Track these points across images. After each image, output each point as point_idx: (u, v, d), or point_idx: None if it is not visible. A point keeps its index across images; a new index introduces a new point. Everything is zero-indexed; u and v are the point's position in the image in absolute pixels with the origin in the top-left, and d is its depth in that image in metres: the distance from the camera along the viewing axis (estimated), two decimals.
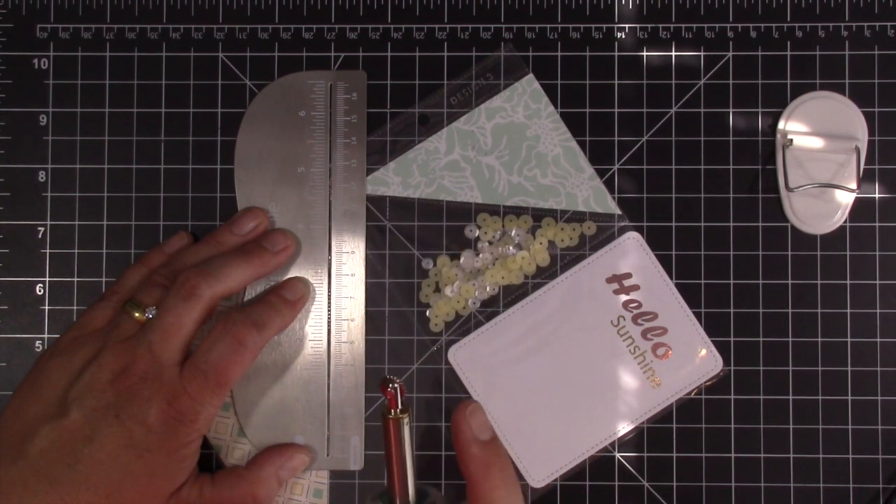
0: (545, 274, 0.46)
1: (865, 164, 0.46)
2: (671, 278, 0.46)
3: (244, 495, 0.41)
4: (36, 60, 0.47)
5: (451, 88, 0.46)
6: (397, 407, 0.35)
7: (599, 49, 0.46)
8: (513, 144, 0.46)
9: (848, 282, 0.46)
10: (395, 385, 0.34)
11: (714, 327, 0.46)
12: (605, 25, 0.47)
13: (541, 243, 0.46)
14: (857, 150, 0.45)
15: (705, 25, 0.47)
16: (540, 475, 0.45)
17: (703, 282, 0.46)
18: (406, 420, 0.35)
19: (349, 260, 0.46)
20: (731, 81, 0.46)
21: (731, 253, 0.46)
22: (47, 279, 0.46)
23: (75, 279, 0.46)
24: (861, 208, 0.46)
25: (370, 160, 0.46)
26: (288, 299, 0.43)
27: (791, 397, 0.45)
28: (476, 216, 0.46)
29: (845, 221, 0.46)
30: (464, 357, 0.45)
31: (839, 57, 0.46)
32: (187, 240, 0.45)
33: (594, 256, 0.46)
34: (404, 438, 0.35)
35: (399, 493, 0.35)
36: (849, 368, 0.45)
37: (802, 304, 0.46)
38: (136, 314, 0.40)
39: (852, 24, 0.46)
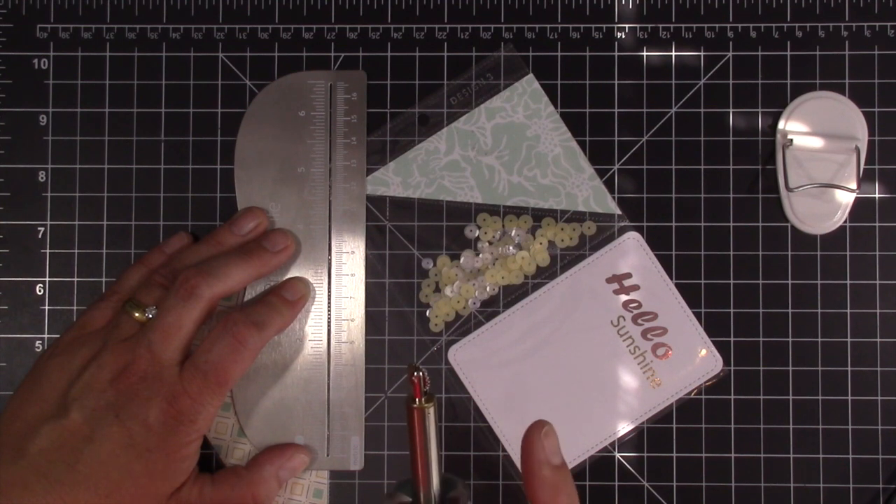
0: (545, 274, 0.46)
1: (865, 164, 0.46)
2: (671, 278, 0.46)
3: (244, 495, 0.41)
4: (36, 60, 0.47)
5: (451, 88, 0.46)
6: (422, 396, 0.33)
7: (599, 49, 0.46)
8: (513, 144, 0.46)
9: (848, 282, 0.46)
10: (421, 372, 0.33)
11: (714, 327, 0.46)
12: (605, 25, 0.47)
13: (541, 243, 0.46)
14: (857, 150, 0.45)
15: (705, 25, 0.47)
16: None
17: (703, 282, 0.46)
18: (431, 409, 0.33)
19: (349, 260, 0.46)
20: (731, 81, 0.46)
21: (731, 253, 0.46)
22: (47, 279, 0.46)
23: (75, 279, 0.46)
24: (861, 208, 0.46)
25: (370, 160, 0.46)
26: (288, 299, 0.43)
27: (791, 397, 0.45)
28: (476, 216, 0.46)
29: (845, 221, 0.46)
30: (464, 357, 0.45)
31: (839, 57, 0.46)
32: (187, 240, 0.45)
33: (594, 256, 0.46)
34: (429, 429, 0.33)
35: (423, 485, 0.33)
36: (849, 368, 0.45)
37: (802, 304, 0.46)
38: (136, 314, 0.40)
39: (852, 24, 0.46)
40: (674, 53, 0.46)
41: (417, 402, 0.33)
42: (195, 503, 0.40)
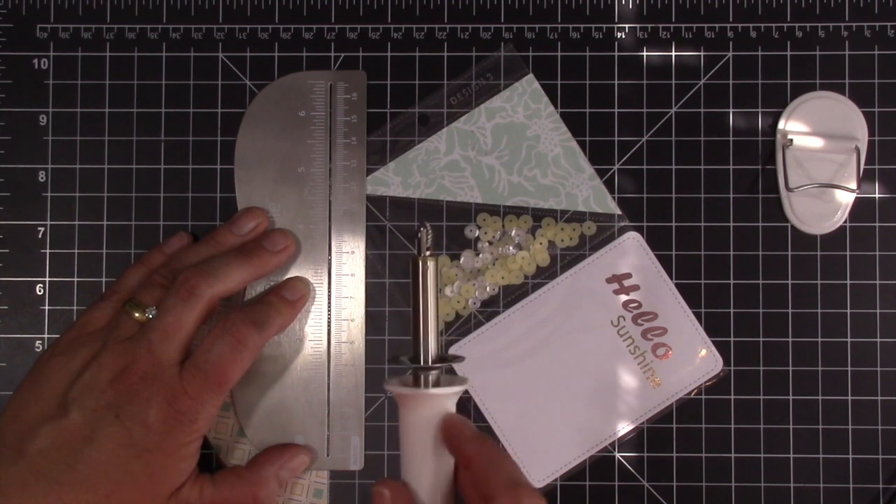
0: (545, 274, 0.46)
1: (865, 164, 0.46)
2: (671, 278, 0.46)
3: (244, 495, 0.41)
4: (36, 60, 0.47)
5: (451, 88, 0.46)
6: (424, 251, 0.36)
7: (599, 49, 0.46)
8: (513, 144, 0.46)
9: (848, 282, 0.46)
10: (428, 231, 0.36)
11: (714, 327, 0.46)
12: (605, 25, 0.47)
13: (541, 243, 0.46)
14: (857, 150, 0.45)
15: (705, 25, 0.47)
16: (540, 475, 0.45)
17: (703, 282, 0.46)
18: (431, 265, 0.36)
19: (349, 260, 0.46)
20: (731, 81, 0.46)
21: (731, 253, 0.46)
22: (47, 279, 0.46)
23: (75, 279, 0.46)
24: (861, 208, 0.46)
25: (370, 160, 0.46)
26: (288, 299, 0.43)
27: (791, 397, 0.45)
28: (476, 216, 0.46)
29: (845, 221, 0.46)
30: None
31: (839, 57, 0.46)
32: (187, 240, 0.45)
33: (594, 256, 0.46)
34: (427, 283, 0.36)
35: (422, 342, 0.36)
36: (849, 368, 0.45)
37: (802, 304, 0.46)
38: (136, 314, 0.40)
39: (852, 24, 0.46)
40: (674, 53, 0.46)
41: (420, 256, 0.36)
42: (195, 503, 0.40)
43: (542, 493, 0.45)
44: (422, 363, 0.36)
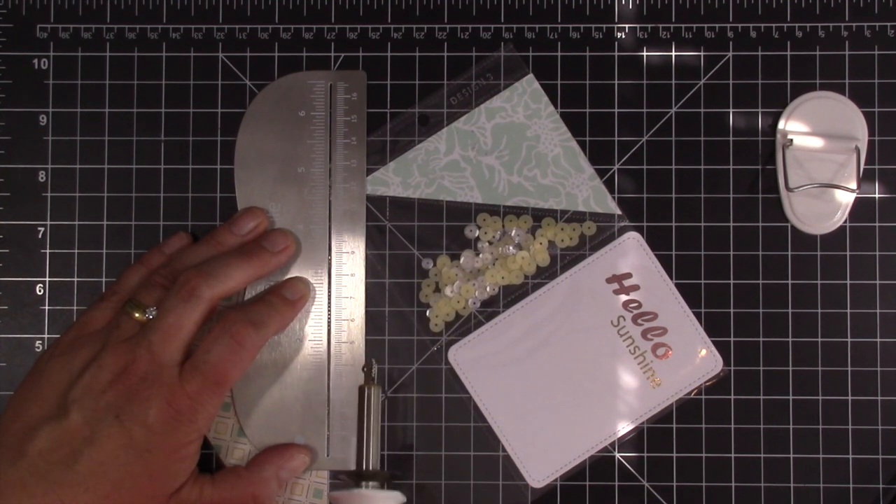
0: (545, 274, 0.46)
1: (865, 164, 0.46)
2: (671, 278, 0.46)
3: (244, 496, 0.41)
4: (36, 60, 0.47)
5: (451, 88, 0.46)
6: (368, 380, 0.44)
7: (599, 49, 0.46)
8: (513, 144, 0.46)
9: (848, 282, 0.46)
10: (373, 366, 0.44)
11: (714, 327, 0.46)
12: (605, 25, 0.47)
13: (541, 243, 0.46)
14: (857, 150, 0.45)
15: (705, 25, 0.47)
16: (540, 475, 0.45)
17: (703, 282, 0.46)
18: (372, 391, 0.43)
19: (349, 260, 0.46)
20: (731, 81, 0.46)
21: (731, 253, 0.46)
22: (47, 279, 0.46)
23: (75, 279, 0.46)
24: (861, 208, 0.46)
25: (370, 160, 0.46)
26: (288, 299, 0.43)
27: (791, 397, 0.45)
28: (476, 216, 0.46)
29: (845, 221, 0.46)
30: (464, 357, 0.45)
31: (839, 57, 0.46)
32: (187, 240, 0.45)
33: (594, 256, 0.46)
34: (370, 407, 0.43)
35: (364, 452, 0.43)
36: (849, 368, 0.45)
37: (802, 304, 0.46)
38: (136, 315, 0.40)
39: (852, 24, 0.46)
40: (674, 53, 0.46)
41: (366, 385, 0.43)
42: (195, 503, 0.40)
43: (541, 493, 0.45)
44: (363, 468, 0.42)
